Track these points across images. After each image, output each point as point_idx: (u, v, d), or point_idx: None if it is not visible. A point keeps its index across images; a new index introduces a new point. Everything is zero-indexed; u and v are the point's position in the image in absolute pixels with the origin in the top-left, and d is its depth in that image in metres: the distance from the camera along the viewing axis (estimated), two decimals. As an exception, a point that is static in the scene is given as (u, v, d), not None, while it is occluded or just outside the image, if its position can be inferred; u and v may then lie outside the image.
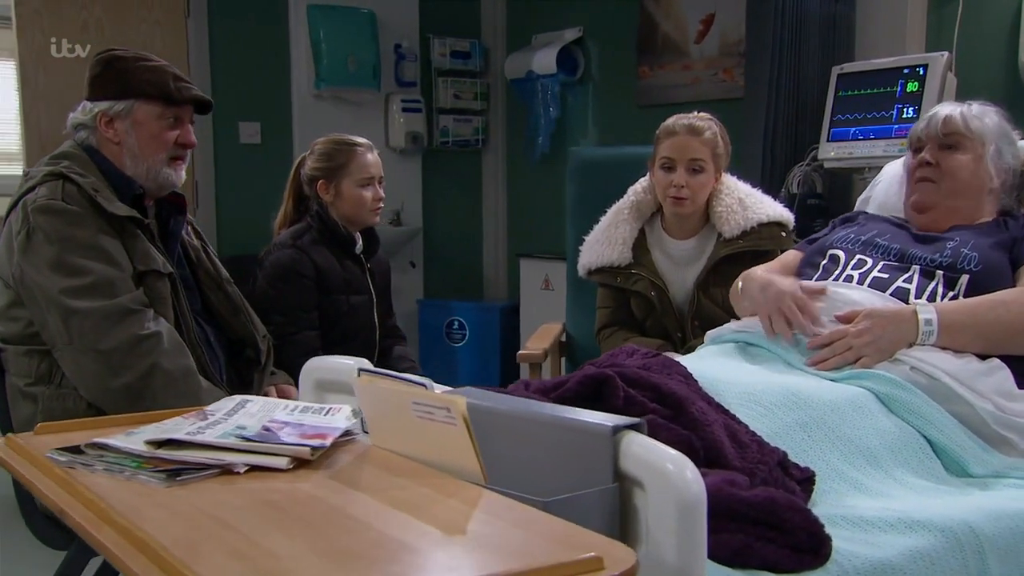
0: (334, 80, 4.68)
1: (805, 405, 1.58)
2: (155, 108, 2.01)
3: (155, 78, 2.01)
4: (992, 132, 1.96)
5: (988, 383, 1.66)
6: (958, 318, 1.73)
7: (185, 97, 2.04)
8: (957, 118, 1.96)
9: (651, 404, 1.43)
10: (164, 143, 2.03)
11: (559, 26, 4.93)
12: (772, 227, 2.43)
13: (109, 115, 2.00)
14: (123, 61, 2.01)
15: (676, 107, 4.28)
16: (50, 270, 1.84)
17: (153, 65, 2.03)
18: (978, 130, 1.95)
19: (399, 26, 5.00)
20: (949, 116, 1.97)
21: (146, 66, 2.02)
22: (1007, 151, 1.97)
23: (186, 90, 2.05)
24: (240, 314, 2.18)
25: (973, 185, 1.95)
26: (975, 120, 1.95)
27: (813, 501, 1.43)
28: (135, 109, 2.00)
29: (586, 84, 4.89)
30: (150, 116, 2.01)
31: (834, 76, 3.15)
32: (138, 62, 2.02)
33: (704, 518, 1.05)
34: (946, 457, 1.61)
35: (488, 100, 5.37)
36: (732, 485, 1.21)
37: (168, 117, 2.03)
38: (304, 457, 1.14)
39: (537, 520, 0.97)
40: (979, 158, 1.95)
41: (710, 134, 2.45)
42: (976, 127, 1.95)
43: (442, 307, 4.94)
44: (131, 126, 2.01)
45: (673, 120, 2.49)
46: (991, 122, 1.97)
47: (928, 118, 2.01)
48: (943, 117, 1.97)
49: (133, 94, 2.00)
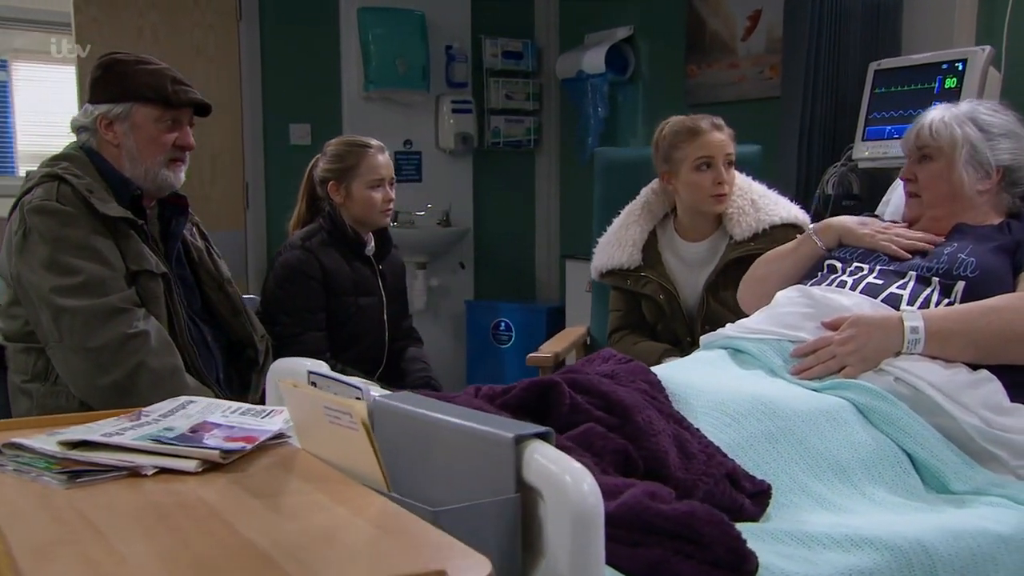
0: (383, 82, 4.72)
1: (774, 415, 1.53)
2: (153, 111, 2.05)
3: (154, 81, 2.04)
4: (965, 134, 1.87)
5: (976, 396, 1.58)
6: (947, 325, 1.65)
7: (183, 100, 2.07)
8: (925, 128, 1.92)
9: (596, 412, 1.40)
10: (162, 145, 2.07)
11: (610, 24, 4.88)
12: (786, 229, 2.37)
13: (108, 118, 2.04)
14: (123, 64, 2.05)
15: (723, 106, 4.25)
16: (43, 269, 1.89)
17: (153, 68, 2.06)
18: (946, 136, 1.88)
19: (450, 27, 5.01)
20: (920, 127, 1.93)
21: (146, 69, 2.05)
22: (999, 147, 1.87)
23: (184, 93, 2.08)
24: (240, 315, 2.20)
25: (950, 193, 1.90)
26: (942, 127, 1.89)
27: (768, 515, 1.39)
28: (133, 112, 2.04)
29: (636, 83, 4.83)
30: (148, 119, 2.05)
31: (871, 72, 3.04)
32: (138, 65, 2.05)
33: (600, 532, 1.02)
34: (926, 472, 1.54)
35: (541, 100, 5.34)
36: (653, 498, 1.17)
37: (166, 120, 2.07)
38: (214, 460, 1.14)
39: (415, 531, 0.95)
40: (951, 164, 1.87)
41: (728, 129, 2.42)
42: (942, 133, 1.88)
43: (489, 308, 4.93)
44: (130, 128, 2.04)
45: (687, 121, 2.44)
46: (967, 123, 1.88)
47: (909, 130, 1.95)
48: (916, 129, 1.92)
49: (132, 97, 2.03)
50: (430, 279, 4.98)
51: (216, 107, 4.58)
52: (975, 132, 1.90)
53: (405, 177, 4.96)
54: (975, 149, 1.89)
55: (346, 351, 2.51)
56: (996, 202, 1.92)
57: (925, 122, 1.96)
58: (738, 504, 1.34)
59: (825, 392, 1.64)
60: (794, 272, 2.04)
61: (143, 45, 4.40)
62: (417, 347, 2.75)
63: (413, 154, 4.98)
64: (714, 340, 1.92)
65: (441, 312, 5.10)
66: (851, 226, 1.99)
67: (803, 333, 1.77)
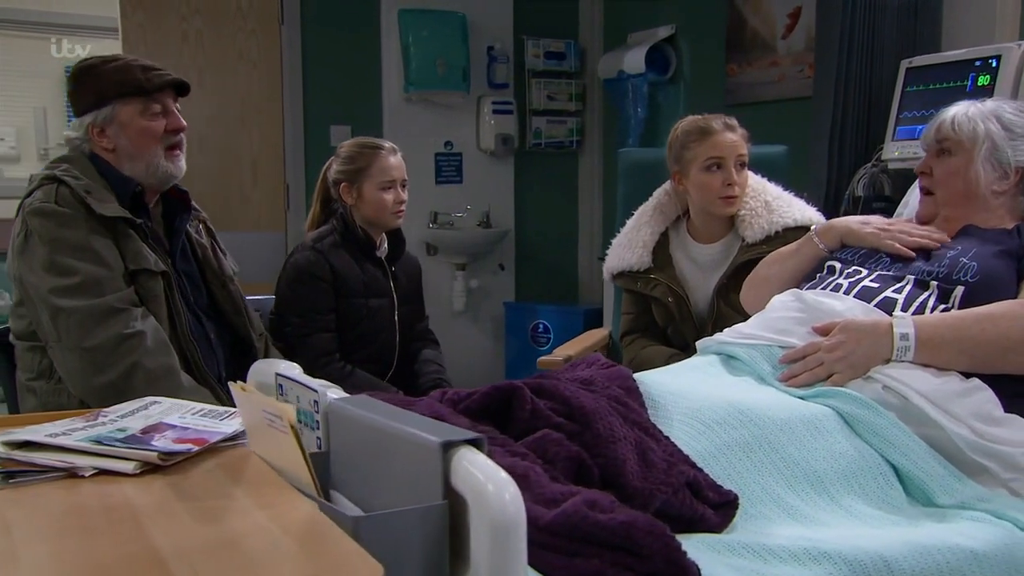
0: (423, 83, 4.73)
1: (751, 424, 1.49)
2: (135, 104, 2.05)
3: (124, 76, 2.04)
4: (988, 130, 1.80)
5: (965, 405, 1.52)
6: (938, 333, 1.59)
7: (158, 84, 2.06)
8: (947, 122, 1.84)
9: (556, 418, 1.38)
10: (154, 135, 2.07)
11: (653, 24, 4.83)
12: (800, 232, 2.29)
13: (97, 125, 2.05)
14: (93, 69, 2.05)
15: (763, 105, 4.17)
16: (43, 270, 1.92)
17: (120, 64, 2.06)
18: (967, 130, 1.81)
19: (492, 28, 5.01)
20: (942, 120, 1.86)
21: (114, 67, 2.05)
22: (1021, 148, 1.80)
23: (157, 77, 2.07)
24: (241, 312, 2.22)
25: (966, 191, 1.82)
26: (965, 121, 1.82)
27: (733, 526, 1.35)
28: (117, 111, 2.04)
29: (677, 83, 4.77)
30: (133, 113, 2.05)
31: (903, 70, 2.95)
32: (106, 65, 2.05)
33: (522, 543, 1.00)
34: (911, 485, 1.48)
35: (584, 101, 5.31)
36: (593, 507, 1.14)
37: (150, 109, 2.06)
38: (152, 462, 1.15)
39: (325, 538, 0.95)
40: (969, 160, 1.80)
41: (741, 130, 2.37)
42: (965, 128, 1.81)
43: (528, 310, 4.92)
44: (119, 129, 2.05)
45: (699, 121, 2.39)
46: (991, 119, 1.81)
47: (930, 123, 1.88)
48: (938, 122, 1.85)
49: (110, 98, 2.04)
50: (469, 280, 4.98)
51: (257, 110, 4.69)
52: (998, 129, 1.83)
53: (445, 179, 4.97)
54: (996, 147, 1.82)
55: (356, 352, 2.52)
56: (1012, 205, 1.85)
57: (948, 116, 1.88)
58: (699, 514, 1.31)
59: (811, 400, 1.59)
60: (796, 274, 1.99)
61: (187, 50, 4.49)
62: (433, 349, 2.74)
63: (454, 155, 4.99)
64: (709, 345, 1.88)
65: (481, 313, 5.10)
66: (853, 226, 1.93)
67: (793, 338, 1.72)
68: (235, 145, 4.60)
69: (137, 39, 4.41)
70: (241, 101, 4.60)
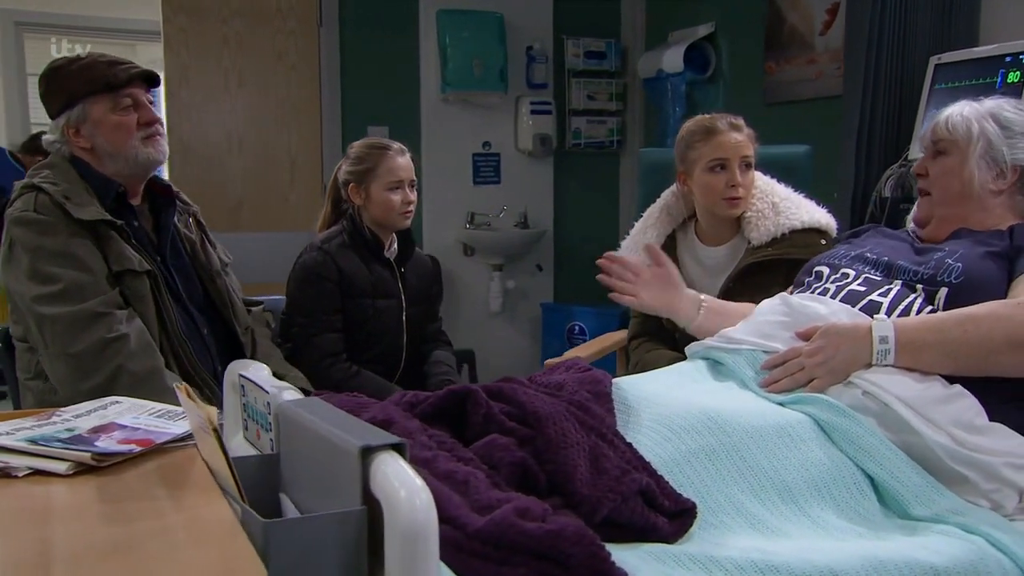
0: (459, 84, 4.73)
1: (719, 431, 1.45)
2: (104, 100, 2.06)
3: (91, 74, 2.05)
4: (983, 129, 1.74)
5: (947, 412, 1.46)
6: (919, 335, 1.53)
7: (125, 78, 2.07)
8: (942, 122, 1.78)
9: (509, 423, 1.35)
10: (128, 130, 2.07)
11: (693, 22, 4.76)
12: (808, 234, 2.25)
13: (72, 125, 2.06)
14: (60, 70, 2.07)
15: (800, 104, 4.08)
16: (27, 279, 1.94)
17: (86, 62, 2.07)
18: (962, 130, 1.75)
19: (532, 28, 4.99)
20: (937, 120, 1.80)
21: (80, 65, 2.06)
22: (1019, 146, 1.73)
23: (124, 71, 2.07)
24: (227, 307, 2.22)
25: (961, 190, 1.75)
26: (959, 121, 1.76)
27: (689, 536, 1.31)
28: (88, 109, 2.05)
29: (716, 82, 4.70)
30: (104, 110, 2.06)
31: (931, 67, 2.86)
32: (72, 65, 2.06)
33: (432, 551, 0.98)
34: (887, 495, 1.43)
35: (625, 101, 5.26)
36: (524, 515, 1.12)
37: (120, 103, 2.07)
38: (85, 463, 1.15)
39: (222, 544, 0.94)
40: (963, 160, 1.74)
41: (748, 130, 2.31)
42: (958, 127, 1.75)
43: (563, 311, 4.88)
44: (93, 127, 2.06)
45: (704, 120, 2.35)
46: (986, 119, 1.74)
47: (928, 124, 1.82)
48: (933, 123, 1.79)
49: (79, 96, 2.05)
50: (506, 281, 4.97)
51: (295, 111, 4.73)
52: (993, 128, 1.77)
53: (483, 179, 4.97)
54: (991, 145, 1.76)
55: (363, 352, 2.52)
56: (1011, 204, 1.78)
57: (943, 116, 1.83)
58: (651, 523, 1.27)
59: (789, 406, 1.55)
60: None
61: (227, 52, 4.55)
62: (444, 350, 2.73)
63: (492, 156, 4.98)
64: (697, 351, 1.83)
65: (518, 314, 5.08)
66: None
67: (777, 343, 1.67)
68: (274, 146, 4.65)
69: (179, 43, 4.49)
70: (280, 102, 4.65)
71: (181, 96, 4.51)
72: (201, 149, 4.56)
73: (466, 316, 4.96)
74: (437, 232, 4.89)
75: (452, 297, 4.92)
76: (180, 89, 4.50)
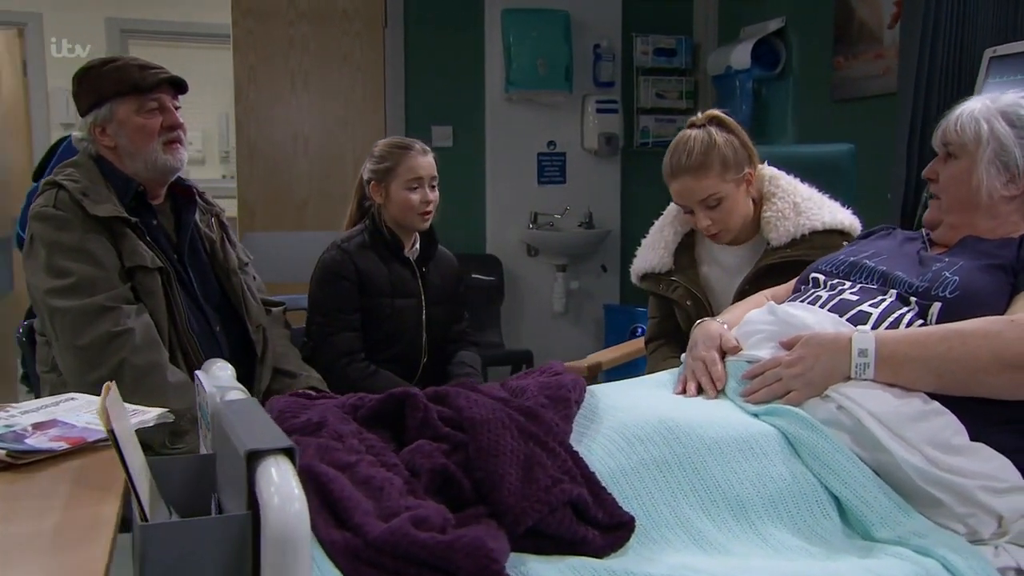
0: (523, 83, 4.71)
1: (676, 441, 1.39)
2: (131, 102, 2.10)
3: (121, 75, 2.10)
4: (992, 130, 1.62)
5: (921, 430, 1.36)
6: (900, 349, 1.43)
7: (153, 82, 2.11)
8: (951, 122, 1.66)
9: (444, 428, 1.32)
10: (150, 132, 2.12)
11: (764, 17, 4.63)
12: (830, 236, 2.14)
13: (98, 123, 2.12)
14: (93, 71, 2.12)
15: (869, 101, 3.92)
16: (42, 272, 2.00)
17: (119, 64, 2.12)
18: (971, 132, 1.63)
19: (599, 26, 4.92)
20: (947, 121, 1.69)
21: (113, 67, 2.11)
22: None
23: (153, 76, 2.12)
24: (240, 305, 2.25)
25: (968, 198, 1.64)
26: (969, 121, 1.64)
27: (625, 550, 1.26)
28: (115, 110, 2.11)
29: (786, 79, 4.55)
30: (130, 111, 2.11)
31: (986, 59, 2.70)
32: (105, 66, 2.12)
33: (304, 560, 0.96)
34: (851, 515, 1.34)
35: (696, 99, 5.14)
36: (421, 525, 1.08)
37: (146, 106, 2.12)
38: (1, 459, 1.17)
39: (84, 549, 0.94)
40: (973, 164, 1.62)
41: (709, 162, 2.16)
42: (969, 128, 1.64)
43: (627, 313, 4.80)
44: (118, 127, 2.11)
45: (667, 159, 2.24)
46: (997, 118, 1.62)
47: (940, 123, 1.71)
48: (944, 122, 1.67)
49: (108, 97, 2.10)
50: (570, 282, 4.92)
51: (359, 111, 4.77)
52: (1004, 128, 1.64)
53: (548, 179, 4.93)
54: (1002, 147, 1.64)
55: (382, 352, 2.51)
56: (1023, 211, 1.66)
57: (954, 114, 1.72)
58: (579, 536, 1.23)
59: (762, 418, 1.47)
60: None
61: (294, 54, 4.63)
62: (469, 351, 2.70)
63: (557, 155, 4.94)
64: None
65: (583, 315, 5.02)
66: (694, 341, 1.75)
67: (760, 352, 1.60)
68: (338, 146, 4.70)
69: (247, 45, 4.58)
70: (344, 103, 4.70)
71: (248, 97, 4.60)
72: (267, 149, 4.64)
73: (529, 316, 4.93)
74: (501, 232, 4.88)
75: (515, 297, 4.90)
76: (247, 91, 4.60)
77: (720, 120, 2.22)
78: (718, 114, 2.25)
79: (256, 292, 2.37)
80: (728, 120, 2.22)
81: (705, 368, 1.64)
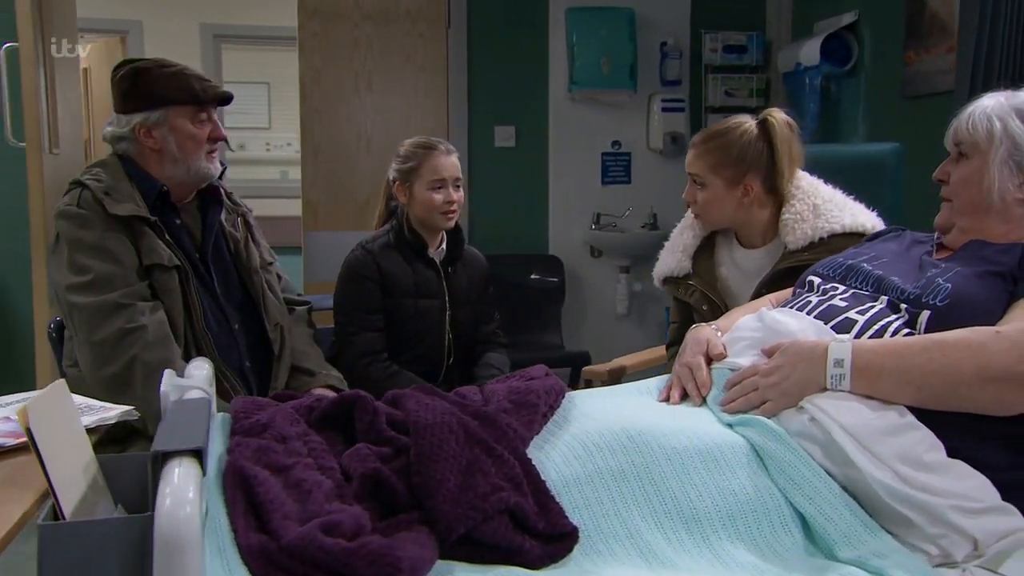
0: (587, 82, 4.66)
1: (635, 451, 1.34)
2: (187, 111, 2.17)
3: (181, 84, 2.16)
4: (1006, 129, 1.52)
5: (893, 445, 1.28)
6: (878, 360, 1.35)
7: (212, 96, 2.18)
8: (963, 121, 1.57)
9: (388, 432, 1.30)
10: (200, 142, 2.19)
11: (837, 12, 4.48)
12: (849, 239, 2.04)
13: (147, 125, 2.17)
14: (147, 72, 2.17)
15: (939, 97, 3.75)
16: (65, 269, 2.07)
17: (175, 71, 2.17)
18: (983, 130, 1.54)
19: (666, 24, 4.84)
20: (959, 119, 1.59)
21: (170, 72, 2.16)
22: None
23: (211, 89, 2.19)
24: (259, 304, 2.27)
25: (979, 201, 1.55)
26: (982, 119, 1.54)
27: (566, 561, 1.23)
28: (170, 115, 2.16)
29: (857, 75, 4.39)
30: (184, 119, 2.17)
31: (1044, 53, 2.55)
32: (161, 70, 2.17)
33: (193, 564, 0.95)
34: (815, 532, 1.28)
35: (767, 97, 5.01)
36: (332, 531, 1.07)
37: (199, 117, 2.18)
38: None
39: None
40: (985, 164, 1.52)
41: (712, 146, 2.11)
42: (979, 127, 1.54)
43: (689, 315, 4.70)
44: (169, 132, 2.17)
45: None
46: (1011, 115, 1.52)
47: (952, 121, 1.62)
48: (956, 120, 1.58)
49: (165, 102, 2.16)
50: (633, 284, 4.85)
51: (423, 112, 4.80)
52: (1020, 127, 1.54)
53: (612, 179, 4.87)
54: (1016, 147, 1.54)
55: (405, 352, 2.51)
56: None
57: (966, 112, 1.62)
58: (515, 545, 1.20)
59: (736, 429, 1.41)
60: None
61: (357, 55, 4.68)
62: (498, 352, 2.68)
63: (622, 155, 4.88)
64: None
65: (646, 318, 4.95)
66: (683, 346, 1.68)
67: (743, 359, 1.53)
68: (401, 146, 4.72)
69: (312, 47, 4.65)
70: (407, 103, 4.74)
71: (313, 98, 4.67)
72: (331, 149, 4.70)
73: (592, 318, 4.88)
74: (564, 233, 4.84)
75: (577, 299, 4.85)
76: (312, 91, 4.67)
77: (769, 125, 2.13)
78: (774, 117, 2.17)
79: (279, 291, 2.39)
80: (778, 129, 2.16)
81: (691, 374, 1.59)
